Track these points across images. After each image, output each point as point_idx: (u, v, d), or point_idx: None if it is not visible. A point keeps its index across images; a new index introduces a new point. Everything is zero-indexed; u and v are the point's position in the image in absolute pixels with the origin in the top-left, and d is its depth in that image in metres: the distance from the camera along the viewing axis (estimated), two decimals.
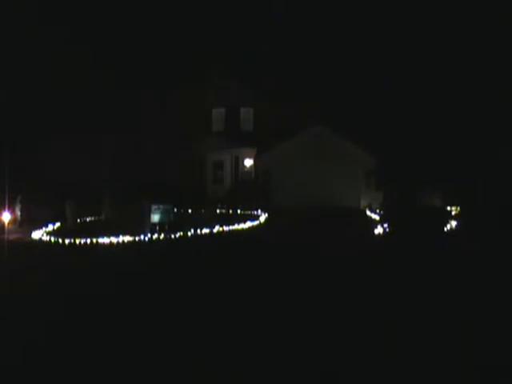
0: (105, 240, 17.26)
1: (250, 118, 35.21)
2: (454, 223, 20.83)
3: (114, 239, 17.33)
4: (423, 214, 22.71)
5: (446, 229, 19.75)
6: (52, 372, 6.38)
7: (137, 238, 17.77)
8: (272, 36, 42.89)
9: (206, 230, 19.63)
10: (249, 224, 22.33)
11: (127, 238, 17.60)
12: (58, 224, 22.00)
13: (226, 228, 20.50)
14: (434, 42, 42.52)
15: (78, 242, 17.20)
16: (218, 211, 28.90)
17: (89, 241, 17.18)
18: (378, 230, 19.22)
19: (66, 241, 17.36)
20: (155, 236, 18.51)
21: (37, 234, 19.36)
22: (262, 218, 25.13)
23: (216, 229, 20.07)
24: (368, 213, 27.64)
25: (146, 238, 18.00)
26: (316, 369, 6.39)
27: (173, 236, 18.58)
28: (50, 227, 21.24)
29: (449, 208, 27.02)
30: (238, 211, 28.79)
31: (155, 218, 20.40)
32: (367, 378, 6.16)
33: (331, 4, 48.00)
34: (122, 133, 33.60)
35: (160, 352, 6.91)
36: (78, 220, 23.93)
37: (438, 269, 12.60)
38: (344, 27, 45.17)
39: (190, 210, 28.25)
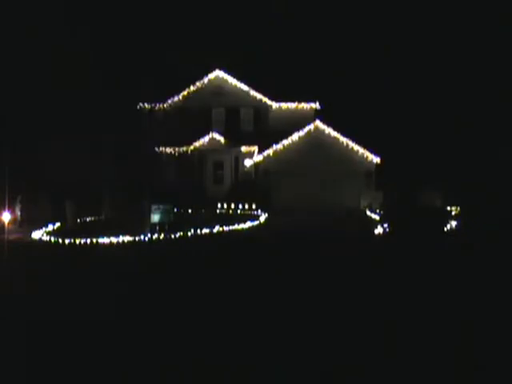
0: (105, 240, 17.26)
1: (250, 118, 35.24)
2: (453, 223, 20.83)
3: (114, 239, 17.33)
4: (423, 214, 22.68)
5: (445, 229, 19.75)
6: (52, 371, 6.38)
7: (137, 238, 17.77)
8: (272, 36, 42.92)
9: (205, 230, 19.63)
10: (249, 224, 22.33)
11: (127, 238, 17.60)
12: (58, 224, 21.99)
13: (226, 228, 20.50)
14: (434, 41, 42.52)
15: (77, 242, 17.20)
16: (217, 211, 28.91)
17: (89, 241, 17.18)
18: (378, 230, 19.22)
19: (66, 241, 17.36)
20: (155, 236, 18.52)
21: (37, 234, 19.36)
22: (262, 218, 25.13)
23: (216, 229, 20.07)
24: (368, 213, 27.64)
25: (146, 238, 18.00)
26: (316, 369, 6.39)
27: (173, 236, 18.58)
28: (50, 227, 21.24)
29: (449, 208, 27.01)
30: (238, 211, 28.79)
31: (155, 218, 20.39)
32: (367, 377, 6.16)
33: (331, 4, 47.98)
34: (122, 133, 33.61)
35: (160, 352, 6.91)
36: (78, 220, 23.94)
37: (437, 269, 12.59)
38: (344, 27, 45.16)
39: (189, 210, 28.26)
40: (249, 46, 40.44)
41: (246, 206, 29.55)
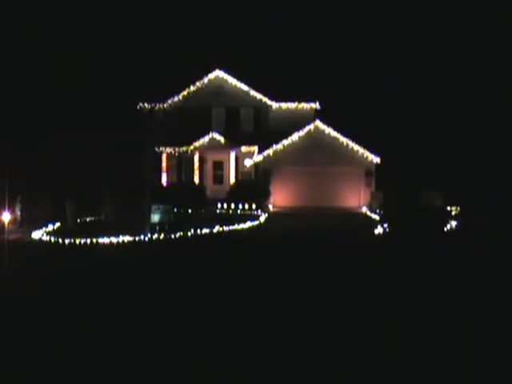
0: (105, 240, 17.26)
1: (250, 118, 35.24)
2: (453, 223, 20.84)
3: (114, 239, 17.33)
4: (423, 214, 22.68)
5: (445, 229, 19.75)
6: (52, 369, 6.39)
7: (137, 238, 17.76)
8: (272, 36, 42.95)
9: (206, 230, 19.63)
10: (249, 224, 22.32)
11: (127, 238, 17.60)
12: (58, 224, 21.98)
13: (225, 228, 20.50)
14: (434, 41, 42.50)
15: (77, 242, 17.20)
16: (217, 211, 28.90)
17: (89, 241, 17.17)
18: (378, 230, 19.22)
19: (66, 241, 17.35)
20: (155, 236, 18.51)
21: (37, 234, 19.34)
22: (262, 218, 25.13)
23: (216, 229, 20.07)
24: (368, 213, 27.64)
25: (146, 238, 18.00)
26: (316, 369, 6.39)
27: (173, 236, 18.58)
28: (50, 227, 21.23)
29: (449, 208, 27.01)
30: (238, 211, 28.78)
31: (155, 218, 20.39)
32: (367, 377, 6.16)
33: (331, 4, 47.99)
34: (122, 133, 33.62)
35: (160, 352, 6.91)
36: (78, 220, 23.92)
37: (437, 269, 12.59)
38: (344, 27, 45.17)
39: (189, 210, 28.25)
40: (249, 46, 40.46)
41: (246, 206, 29.55)
